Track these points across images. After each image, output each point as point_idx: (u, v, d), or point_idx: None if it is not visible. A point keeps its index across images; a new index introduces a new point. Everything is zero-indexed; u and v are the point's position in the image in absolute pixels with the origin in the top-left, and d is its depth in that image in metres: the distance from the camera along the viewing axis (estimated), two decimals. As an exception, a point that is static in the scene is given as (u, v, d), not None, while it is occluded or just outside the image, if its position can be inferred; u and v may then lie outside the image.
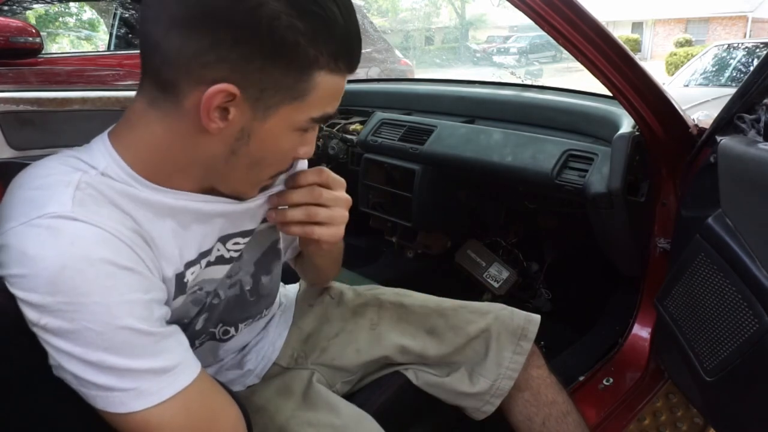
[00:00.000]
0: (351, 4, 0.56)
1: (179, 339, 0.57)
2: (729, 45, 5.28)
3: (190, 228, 0.63)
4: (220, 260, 0.70)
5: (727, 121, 0.92)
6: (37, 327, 0.49)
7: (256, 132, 0.56)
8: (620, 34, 17.55)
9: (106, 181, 0.55)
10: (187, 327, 0.67)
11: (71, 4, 6.12)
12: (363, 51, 0.62)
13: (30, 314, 0.49)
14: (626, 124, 1.13)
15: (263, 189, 0.68)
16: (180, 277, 0.63)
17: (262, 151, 0.58)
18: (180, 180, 0.60)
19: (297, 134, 0.59)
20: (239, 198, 0.66)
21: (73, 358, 0.49)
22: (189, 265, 0.64)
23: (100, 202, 0.54)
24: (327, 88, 0.56)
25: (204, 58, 0.51)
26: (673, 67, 11.58)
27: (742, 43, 5.32)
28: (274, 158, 0.61)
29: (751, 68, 0.89)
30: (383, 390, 0.89)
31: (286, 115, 0.55)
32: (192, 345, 0.62)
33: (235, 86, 0.51)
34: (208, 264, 0.68)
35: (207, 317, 0.72)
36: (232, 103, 0.53)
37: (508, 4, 0.87)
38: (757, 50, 4.90)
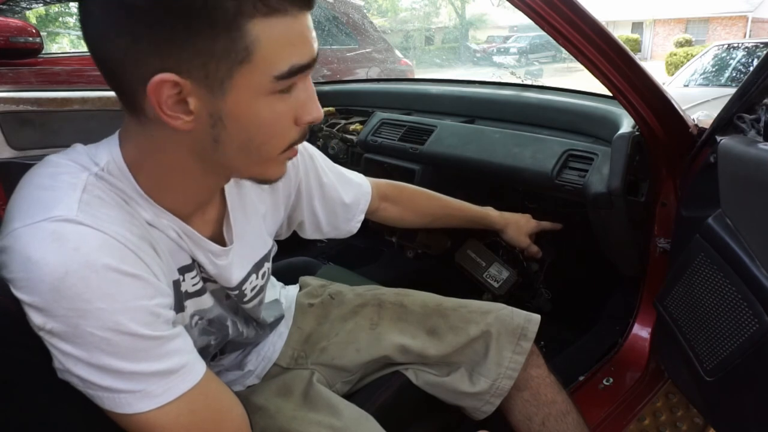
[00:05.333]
0: None
1: (185, 340, 0.57)
2: (729, 45, 5.28)
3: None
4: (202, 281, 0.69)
5: (727, 121, 0.92)
6: (43, 331, 0.49)
7: (225, 112, 0.52)
8: (620, 34, 17.54)
9: (108, 179, 0.55)
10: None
11: (71, 4, 6.11)
12: (363, 51, 0.60)
13: (35, 318, 0.48)
14: (626, 124, 1.13)
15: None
16: (176, 285, 0.63)
17: (243, 129, 0.53)
18: (173, 197, 0.59)
19: (274, 99, 0.53)
20: (265, 182, 0.63)
21: (79, 362, 0.49)
22: (183, 270, 0.64)
23: (107, 203, 0.53)
24: (274, 37, 0.50)
25: (133, 57, 0.49)
26: (673, 67, 11.57)
27: (742, 43, 5.31)
28: (262, 132, 0.54)
29: (751, 68, 0.88)
30: (383, 390, 0.89)
31: (243, 83, 0.50)
32: None
33: (172, 73, 0.48)
34: (194, 293, 0.67)
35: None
36: (185, 93, 0.50)
37: (508, 4, 0.87)
38: (757, 50, 4.89)
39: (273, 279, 0.97)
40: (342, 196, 0.91)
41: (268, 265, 0.80)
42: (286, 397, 0.83)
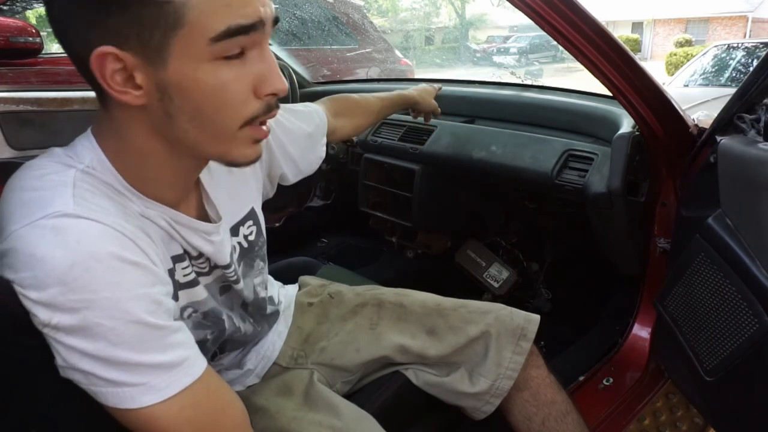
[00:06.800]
0: None
1: (186, 334, 0.57)
2: (729, 45, 5.27)
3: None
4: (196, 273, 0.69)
5: (727, 121, 0.92)
6: (48, 327, 0.49)
7: (169, 82, 0.51)
8: (620, 34, 17.53)
9: (94, 174, 0.55)
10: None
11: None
12: (363, 51, 0.59)
13: (41, 315, 0.48)
14: (626, 124, 1.13)
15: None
16: (171, 274, 0.63)
17: (189, 100, 0.52)
18: (156, 186, 0.60)
19: (218, 65, 0.51)
20: (235, 164, 0.60)
21: (84, 356, 0.49)
22: (175, 260, 0.64)
23: (99, 196, 0.54)
24: None
25: (77, 32, 0.50)
26: (673, 67, 11.57)
27: (742, 43, 5.31)
28: (210, 102, 0.53)
29: (751, 68, 0.89)
30: (383, 390, 0.89)
31: (181, 50, 0.49)
32: None
33: (110, 45, 0.48)
34: (185, 284, 0.67)
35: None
36: (129, 67, 0.50)
37: (508, 4, 0.87)
38: (757, 50, 4.89)
39: (271, 278, 0.97)
40: (305, 129, 0.93)
41: (246, 230, 0.79)
42: (287, 397, 0.83)
